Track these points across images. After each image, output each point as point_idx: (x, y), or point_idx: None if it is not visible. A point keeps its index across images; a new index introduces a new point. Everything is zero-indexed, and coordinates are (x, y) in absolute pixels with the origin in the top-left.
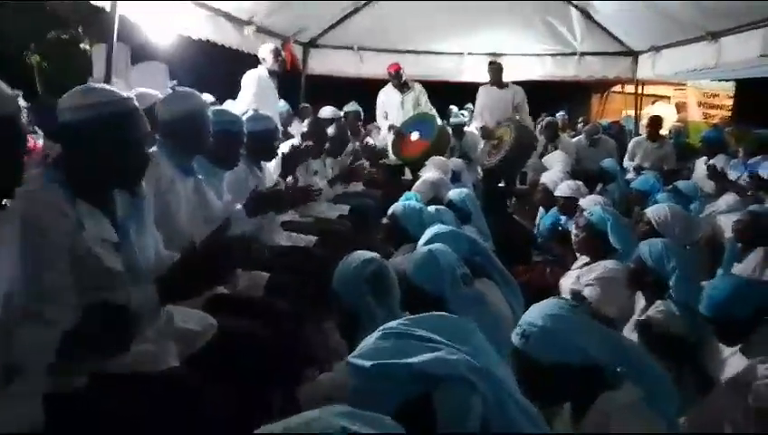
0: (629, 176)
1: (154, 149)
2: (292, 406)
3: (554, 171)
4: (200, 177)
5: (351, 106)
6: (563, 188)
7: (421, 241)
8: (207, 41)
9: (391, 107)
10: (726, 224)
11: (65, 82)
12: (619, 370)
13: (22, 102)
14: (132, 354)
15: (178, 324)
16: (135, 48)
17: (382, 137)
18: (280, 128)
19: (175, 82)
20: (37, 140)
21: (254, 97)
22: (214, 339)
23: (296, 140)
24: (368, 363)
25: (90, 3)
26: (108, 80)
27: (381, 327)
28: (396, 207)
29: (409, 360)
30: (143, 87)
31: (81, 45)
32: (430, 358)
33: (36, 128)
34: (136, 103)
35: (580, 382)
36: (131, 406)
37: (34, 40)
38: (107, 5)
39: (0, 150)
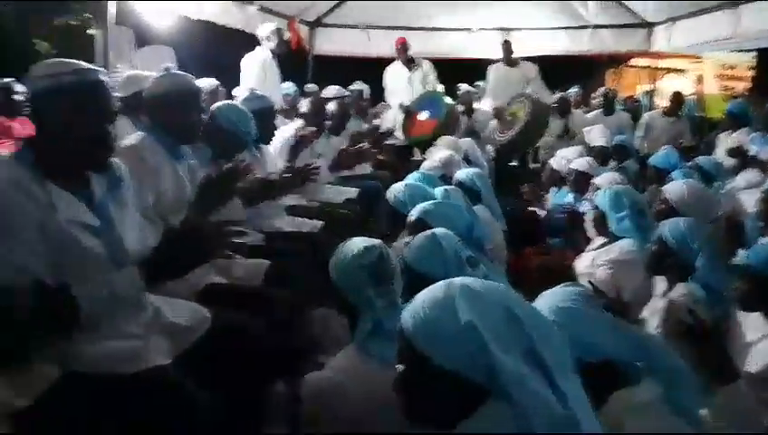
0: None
1: (141, 133)
2: (294, 401)
3: (567, 149)
4: (192, 161)
5: (356, 86)
6: (581, 163)
7: (410, 218)
8: (214, 25)
9: (399, 84)
10: (747, 201)
11: None
12: (638, 365)
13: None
14: (114, 351)
15: (168, 318)
16: (139, 32)
17: (391, 116)
18: (283, 107)
19: (171, 64)
20: None
21: (256, 80)
22: (207, 334)
23: (299, 123)
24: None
25: None
26: (106, 64)
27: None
28: (394, 190)
29: (501, 353)
30: (147, 71)
31: (88, 31)
32: (513, 367)
33: None
34: (101, 76)
35: (594, 379)
36: (108, 411)
37: (44, 28)
38: None
39: None
